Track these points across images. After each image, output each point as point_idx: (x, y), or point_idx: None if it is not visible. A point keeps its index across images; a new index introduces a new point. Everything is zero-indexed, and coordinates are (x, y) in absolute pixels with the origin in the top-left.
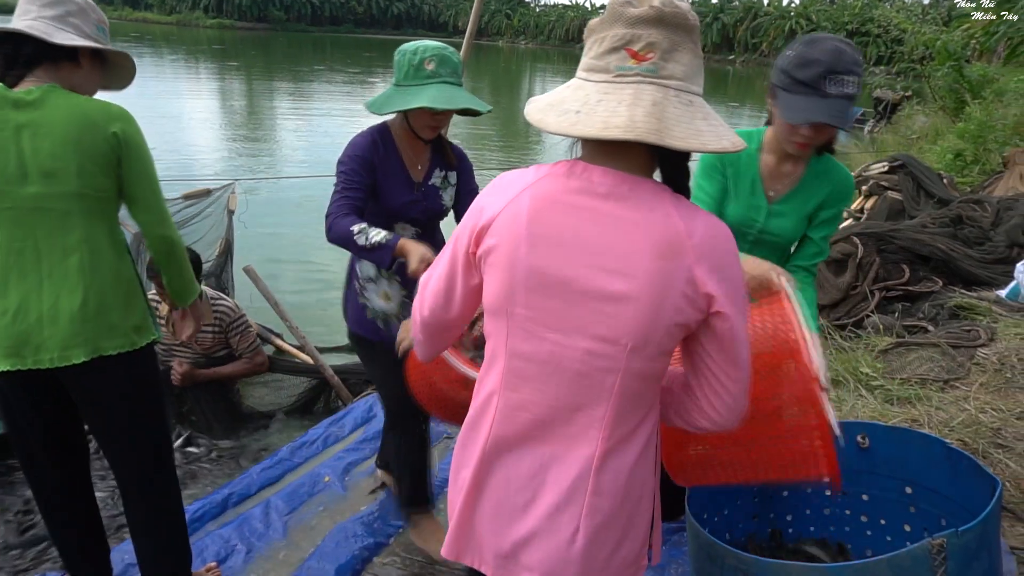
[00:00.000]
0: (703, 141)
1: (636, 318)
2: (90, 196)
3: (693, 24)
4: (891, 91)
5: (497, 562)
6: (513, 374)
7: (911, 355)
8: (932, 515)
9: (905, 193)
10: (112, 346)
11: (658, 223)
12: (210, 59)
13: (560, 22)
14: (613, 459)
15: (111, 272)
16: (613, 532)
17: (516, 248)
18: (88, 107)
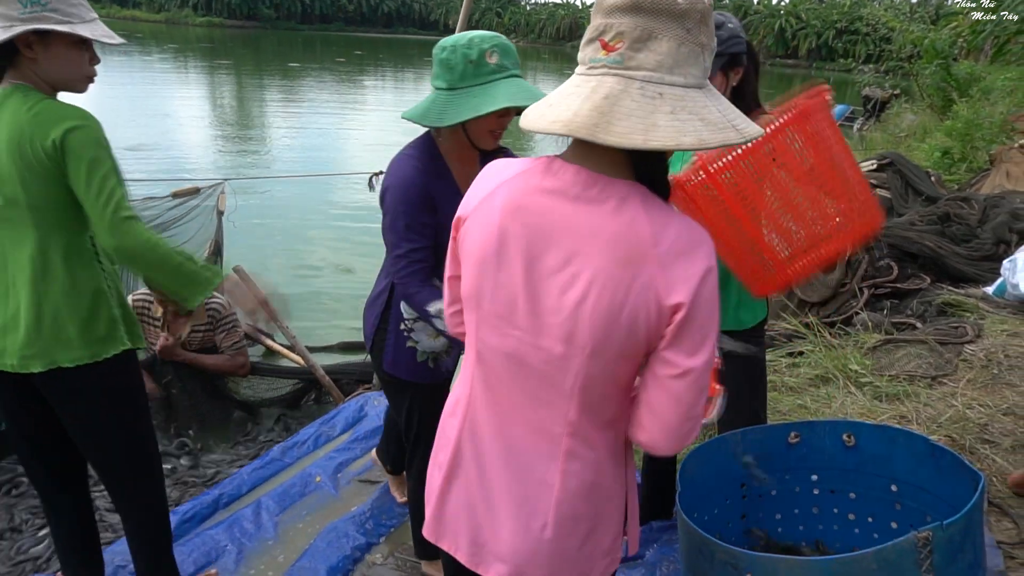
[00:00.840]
0: (649, 138)
1: (594, 322)
2: (41, 208)
3: (684, 9)
4: (880, 89)
5: (471, 549)
6: (484, 366)
7: (899, 352)
8: (918, 512)
9: (894, 191)
10: (68, 359)
11: (623, 228)
12: (199, 57)
13: (551, 20)
14: (579, 455)
15: (66, 284)
16: (582, 525)
17: (485, 243)
18: (30, 116)
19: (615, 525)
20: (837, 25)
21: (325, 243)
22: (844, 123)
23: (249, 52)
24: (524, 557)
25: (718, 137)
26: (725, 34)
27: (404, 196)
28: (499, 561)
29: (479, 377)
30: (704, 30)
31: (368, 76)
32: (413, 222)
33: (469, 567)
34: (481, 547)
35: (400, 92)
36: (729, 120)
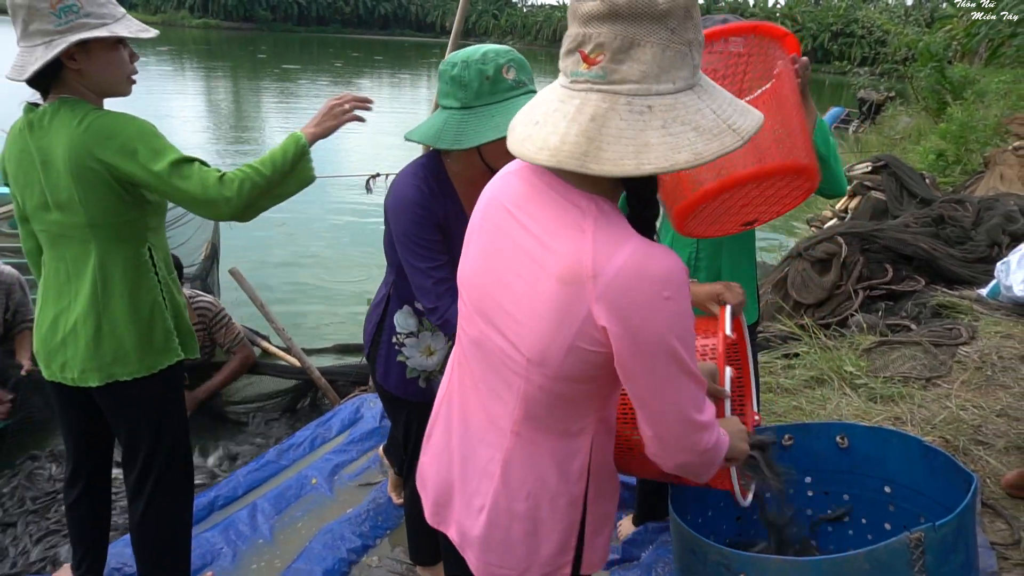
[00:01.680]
0: (642, 161)
1: (533, 336)
2: (101, 224)
3: (664, 10)
4: (875, 92)
5: (434, 508)
6: (460, 348)
7: (894, 353)
8: (911, 513)
9: (888, 193)
10: (125, 372)
11: (568, 251)
12: (196, 59)
13: (548, 22)
14: (521, 456)
15: (125, 299)
16: (517, 524)
17: (469, 238)
18: (81, 130)
19: (558, 539)
20: (833, 28)
21: (322, 245)
22: (840, 125)
23: (246, 54)
24: (465, 529)
25: (713, 146)
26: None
27: (415, 216)
28: (454, 524)
29: (457, 359)
30: (690, 25)
31: (365, 78)
32: (431, 244)
33: (432, 524)
34: (441, 508)
35: (397, 94)
36: (725, 120)
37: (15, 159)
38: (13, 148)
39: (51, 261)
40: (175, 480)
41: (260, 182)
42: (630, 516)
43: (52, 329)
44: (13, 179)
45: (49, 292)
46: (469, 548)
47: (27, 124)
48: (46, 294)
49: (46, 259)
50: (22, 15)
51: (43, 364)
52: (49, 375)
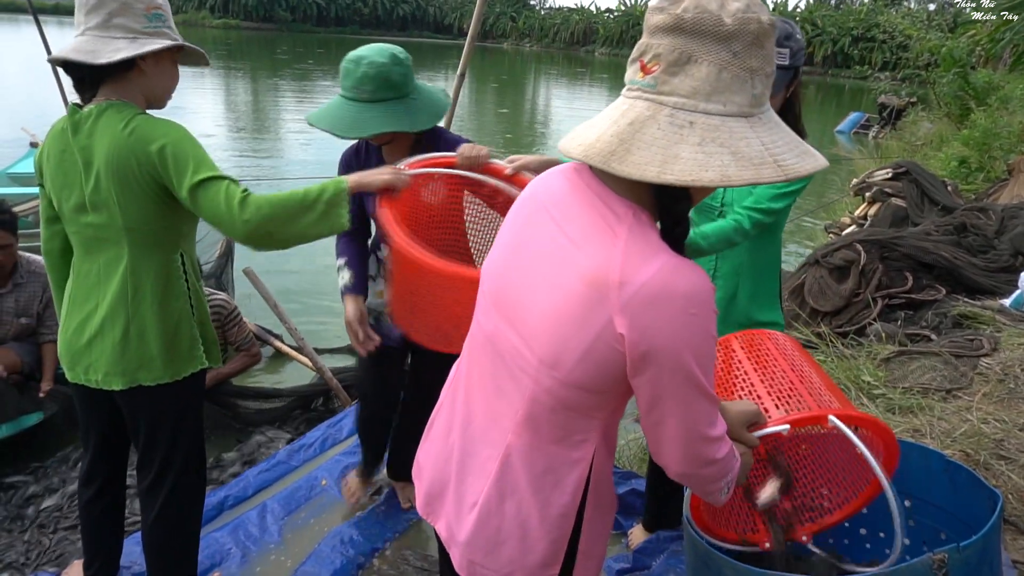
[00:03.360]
0: (665, 170)
1: (549, 336)
2: (135, 230)
3: (731, 31)
4: (896, 97)
5: (425, 500)
6: (472, 341)
7: (913, 364)
8: (931, 529)
9: (909, 200)
10: (150, 378)
11: (597, 254)
12: (215, 58)
13: (565, 25)
14: (518, 460)
15: (154, 305)
16: (506, 526)
17: (503, 228)
18: (126, 134)
19: (545, 549)
20: (853, 32)
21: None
22: (859, 131)
23: (265, 53)
24: (454, 525)
25: (747, 174)
26: (795, 46)
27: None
28: (444, 518)
29: (468, 351)
30: (757, 53)
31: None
32: None
33: (422, 515)
34: (433, 499)
35: None
36: (772, 154)
37: (55, 159)
38: (54, 148)
39: (81, 264)
40: (189, 484)
41: (279, 212)
42: (641, 524)
43: (79, 331)
44: (51, 179)
45: (78, 295)
46: (455, 544)
47: (71, 125)
48: (74, 297)
49: (76, 262)
50: (110, 6)
51: (67, 366)
52: (73, 377)
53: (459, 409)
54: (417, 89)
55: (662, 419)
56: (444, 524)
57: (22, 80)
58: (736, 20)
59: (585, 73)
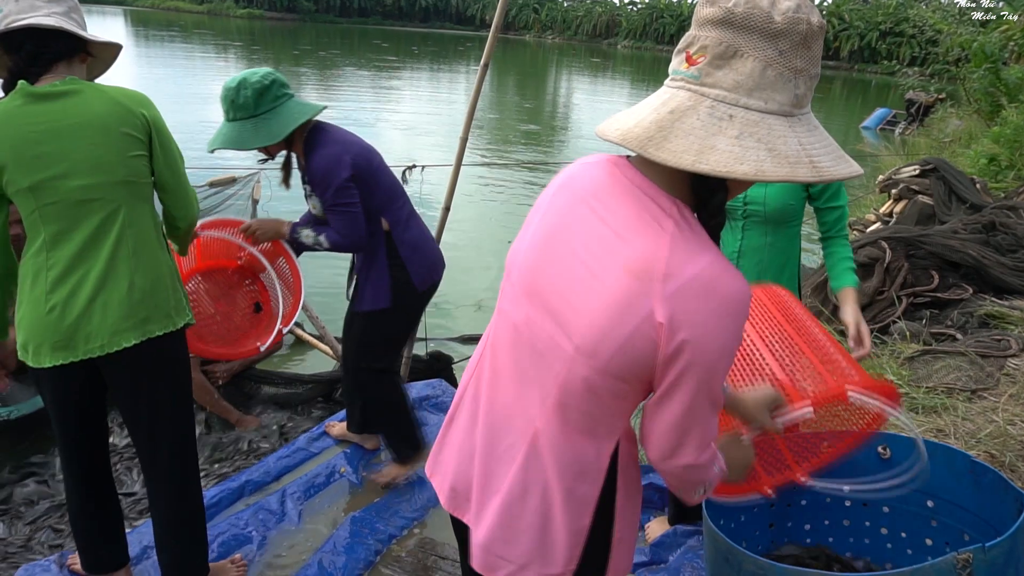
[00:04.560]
0: (699, 160)
1: (588, 324)
2: (133, 182)
3: (780, 29)
4: (924, 93)
5: (450, 493)
6: (496, 330)
7: (938, 363)
8: (955, 529)
9: (936, 198)
10: (159, 327)
11: (644, 246)
12: (240, 48)
13: (588, 17)
14: (543, 447)
15: (154, 255)
16: (528, 516)
17: (532, 218)
18: (116, 94)
19: (565, 541)
20: (881, 27)
21: None
22: (885, 127)
23: (288, 44)
24: (479, 515)
25: (782, 171)
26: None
27: None
28: (468, 511)
29: (491, 340)
30: (803, 54)
31: (405, 70)
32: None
33: (447, 509)
34: (458, 493)
35: (435, 86)
36: (808, 154)
37: (17, 139)
38: (8, 128)
39: (58, 235)
40: (191, 449)
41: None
42: (659, 518)
43: (68, 306)
44: (14, 158)
45: (57, 271)
46: (475, 535)
47: (34, 99)
48: (52, 275)
49: (48, 237)
50: (70, 3)
51: (58, 347)
52: (64, 358)
53: (483, 402)
54: (275, 108)
55: (667, 404)
56: (473, 519)
57: None
58: (786, 19)
59: (608, 66)
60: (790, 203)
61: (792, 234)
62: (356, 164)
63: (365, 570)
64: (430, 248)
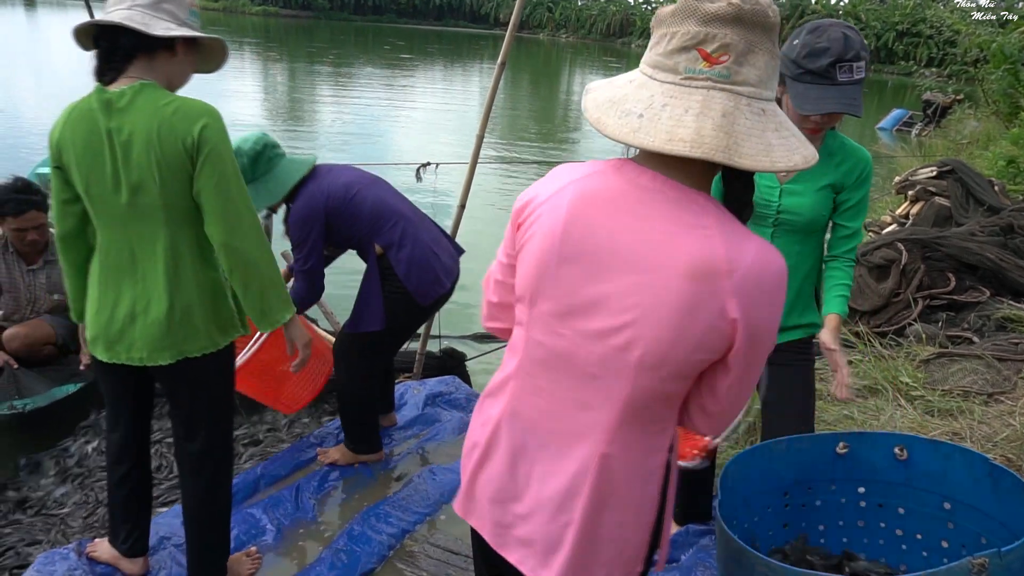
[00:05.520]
0: (773, 159)
1: (653, 335)
2: (174, 206)
3: (774, 23)
4: (941, 94)
5: (495, 530)
6: (531, 361)
7: (954, 366)
8: (971, 532)
9: (953, 199)
10: (196, 348)
11: (695, 242)
12: (256, 45)
13: (602, 16)
14: (613, 465)
15: (195, 278)
16: (605, 531)
17: (550, 241)
18: (170, 112)
19: (637, 542)
20: (899, 27)
21: None
22: (902, 128)
23: (303, 41)
24: (548, 547)
25: (810, 151)
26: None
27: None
28: (523, 546)
29: (525, 371)
30: (776, 42)
31: (419, 68)
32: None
33: (493, 547)
34: (506, 529)
35: (449, 83)
36: (794, 133)
37: (81, 141)
38: (79, 129)
39: (112, 243)
40: (228, 454)
41: (263, 266)
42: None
43: (114, 312)
44: (77, 161)
45: (107, 276)
46: (549, 565)
47: (101, 104)
48: (103, 278)
49: (104, 241)
50: None
51: (102, 347)
52: (110, 357)
53: (526, 439)
54: (270, 171)
55: (741, 384)
56: (524, 552)
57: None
58: (773, 13)
59: (621, 66)
60: (822, 214)
61: (817, 243)
62: (330, 207)
63: (378, 564)
64: (434, 262)
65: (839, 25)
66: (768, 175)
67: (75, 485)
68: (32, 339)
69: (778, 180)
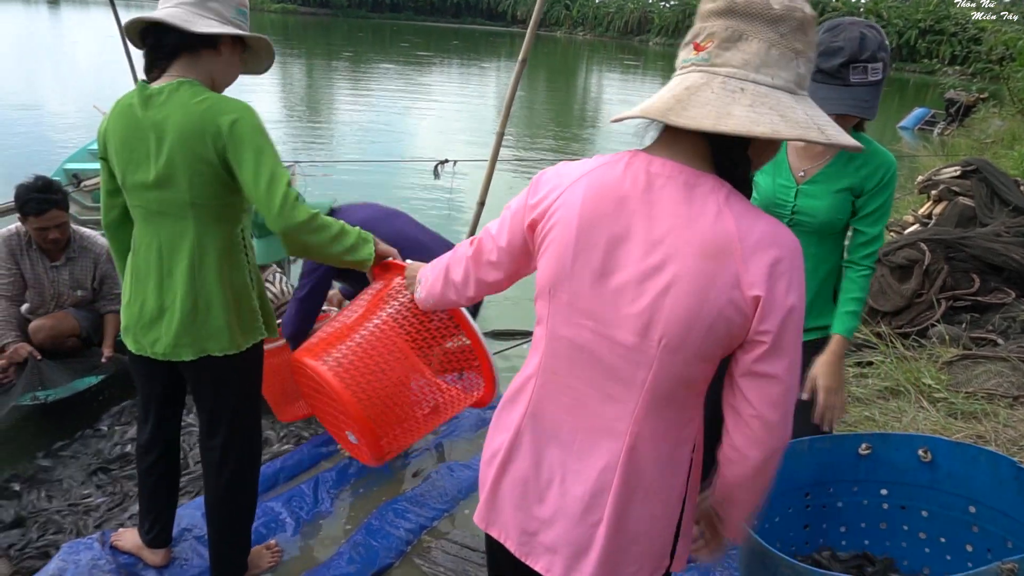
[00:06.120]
0: (720, 123)
1: (675, 315)
2: (202, 204)
3: (779, 14)
4: (965, 92)
5: (521, 538)
6: (552, 357)
7: (978, 368)
8: (997, 536)
9: (978, 199)
10: (217, 348)
11: (709, 221)
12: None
13: (619, 14)
14: (641, 456)
15: (219, 277)
16: (633, 525)
17: (567, 234)
18: (202, 108)
19: (666, 532)
20: (921, 24)
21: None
22: (924, 127)
23: (321, 38)
24: (577, 550)
25: (795, 131)
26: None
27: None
28: (549, 552)
29: (547, 367)
30: (801, 38)
31: (436, 65)
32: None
33: (518, 556)
34: (532, 536)
35: (465, 81)
36: (816, 124)
37: (121, 135)
38: (120, 123)
39: (143, 237)
40: (252, 453)
41: (320, 227)
42: None
43: (143, 306)
44: (116, 154)
45: (140, 269)
46: (579, 568)
47: (143, 99)
48: (136, 271)
49: (137, 235)
50: None
51: (132, 339)
52: (137, 349)
53: (550, 437)
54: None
55: (772, 370)
56: (551, 558)
57: (93, 61)
58: (783, 7)
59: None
60: (838, 217)
61: (836, 245)
62: None
63: (396, 559)
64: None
65: (859, 24)
66: (785, 174)
67: (97, 476)
68: (57, 331)
69: (795, 180)
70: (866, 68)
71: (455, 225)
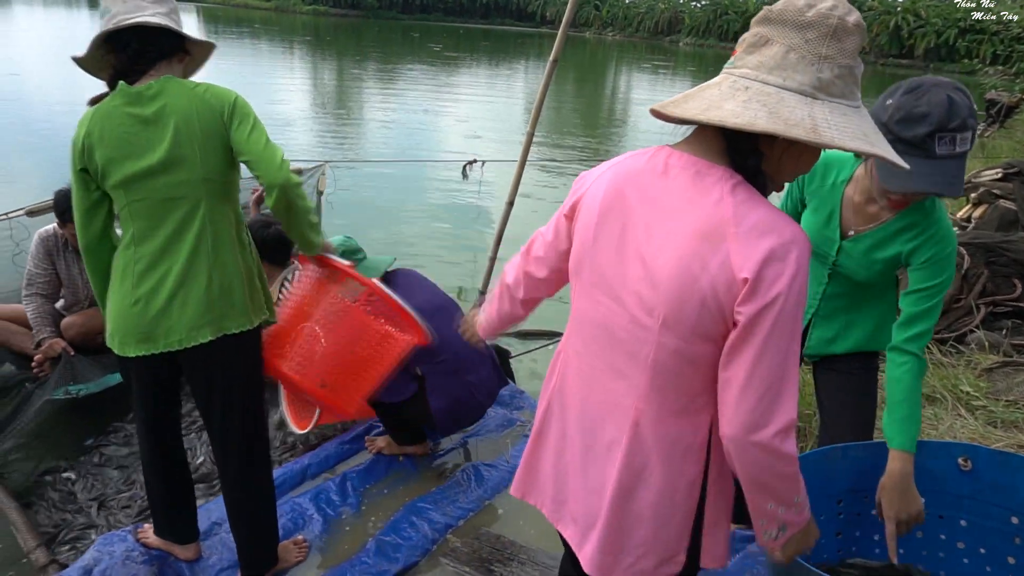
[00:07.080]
0: (703, 114)
1: (668, 292)
2: (213, 180)
3: (808, 20)
4: (1007, 93)
5: (553, 506)
6: (578, 334)
7: (1020, 376)
8: None
9: (1019, 202)
10: (235, 324)
11: (708, 205)
12: (305, 45)
13: (650, 14)
14: (644, 435)
15: (233, 253)
16: (637, 505)
17: (591, 218)
18: (203, 92)
19: (678, 521)
20: (960, 23)
21: (418, 226)
22: None
23: (351, 40)
24: (587, 523)
25: (772, 126)
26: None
27: None
28: (573, 522)
29: (571, 344)
30: (831, 44)
31: (464, 66)
32: None
33: (551, 522)
34: (561, 504)
35: (493, 81)
36: (815, 124)
37: (113, 132)
38: (107, 123)
39: (146, 231)
40: (262, 438)
41: (303, 194)
42: None
43: (150, 300)
44: (109, 153)
45: (142, 267)
46: (587, 541)
47: (129, 98)
48: (138, 271)
49: (136, 233)
50: (171, 4)
51: (138, 340)
52: (146, 350)
53: (571, 412)
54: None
55: (747, 352)
56: (573, 526)
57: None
58: (818, 13)
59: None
60: (878, 281)
61: (883, 297)
62: None
63: (422, 557)
64: (464, 411)
65: (945, 86)
66: (833, 227)
67: (129, 469)
68: (88, 328)
69: (840, 234)
70: (954, 138)
71: (482, 225)
